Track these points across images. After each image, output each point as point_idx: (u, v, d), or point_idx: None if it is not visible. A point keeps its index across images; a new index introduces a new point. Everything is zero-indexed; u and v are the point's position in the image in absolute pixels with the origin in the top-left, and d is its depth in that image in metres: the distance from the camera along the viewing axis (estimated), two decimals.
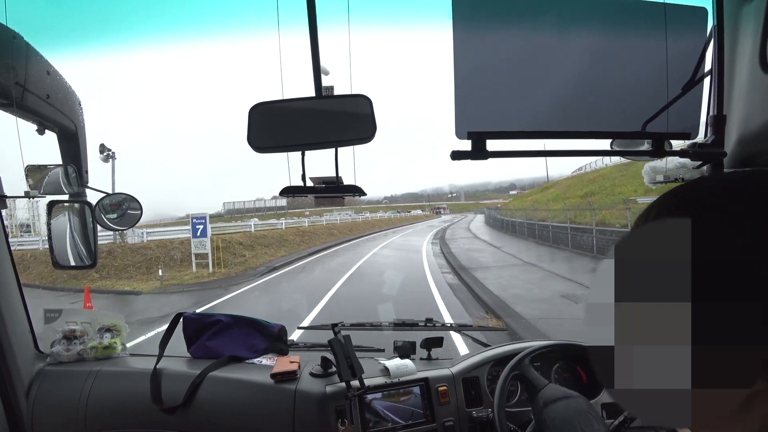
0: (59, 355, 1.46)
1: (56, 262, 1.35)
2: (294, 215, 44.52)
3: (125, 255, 15.36)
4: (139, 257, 15.36)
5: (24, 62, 1.10)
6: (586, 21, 0.95)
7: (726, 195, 0.36)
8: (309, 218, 31.42)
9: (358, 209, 79.86)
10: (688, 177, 1.15)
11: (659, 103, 0.94)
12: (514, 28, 0.92)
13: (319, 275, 12.79)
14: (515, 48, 0.92)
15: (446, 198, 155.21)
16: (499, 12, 0.90)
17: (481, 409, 1.37)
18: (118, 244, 16.31)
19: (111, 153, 15.65)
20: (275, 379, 1.36)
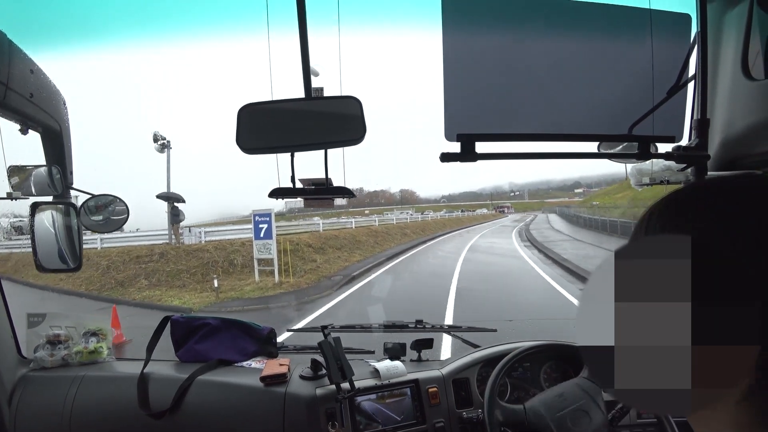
0: (43, 360, 1.43)
1: (40, 265, 1.32)
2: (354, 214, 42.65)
3: (179, 258, 12.96)
4: (195, 261, 12.91)
5: (7, 60, 1.08)
6: (574, 26, 0.96)
7: (723, 197, 0.37)
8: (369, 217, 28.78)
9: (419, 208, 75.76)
10: (674, 179, 1.17)
11: (645, 107, 0.96)
12: (502, 32, 0.92)
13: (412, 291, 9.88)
14: (504, 52, 0.93)
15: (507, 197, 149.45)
16: (488, 16, 0.91)
17: (471, 409, 1.37)
18: (173, 245, 14.03)
19: (166, 142, 14.48)
20: (265, 382, 1.35)
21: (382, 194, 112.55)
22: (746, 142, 0.96)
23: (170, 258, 12.95)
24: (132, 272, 12.23)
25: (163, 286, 11.72)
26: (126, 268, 12.49)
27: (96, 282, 12.34)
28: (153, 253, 12.95)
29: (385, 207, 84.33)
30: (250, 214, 13.79)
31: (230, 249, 13.55)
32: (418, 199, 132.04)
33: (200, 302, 10.17)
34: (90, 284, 12.32)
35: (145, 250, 13.36)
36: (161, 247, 13.73)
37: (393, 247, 19.27)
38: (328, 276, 12.56)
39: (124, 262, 12.78)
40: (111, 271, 12.53)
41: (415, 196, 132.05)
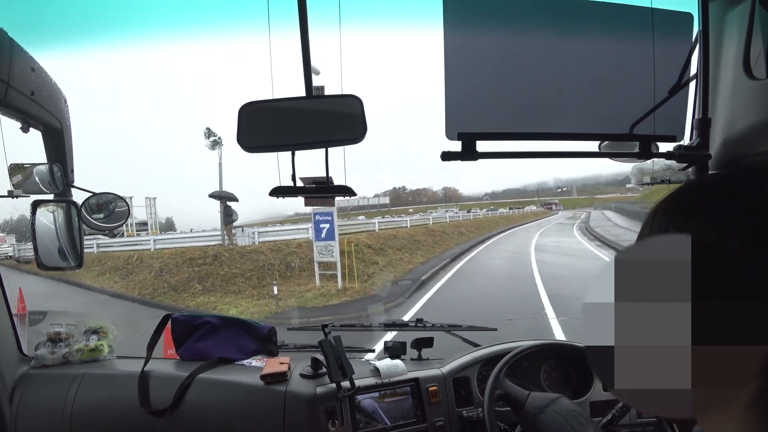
0: (44, 358, 1.43)
1: (41, 263, 1.32)
2: (398, 213, 41.44)
3: (233, 261, 12.05)
4: (250, 264, 11.88)
5: (7, 58, 1.08)
6: (575, 25, 0.96)
7: (723, 195, 0.37)
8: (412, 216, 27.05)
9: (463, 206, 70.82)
10: (675, 179, 1.17)
11: (646, 106, 0.96)
12: (503, 31, 0.92)
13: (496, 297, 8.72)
14: (505, 50, 0.93)
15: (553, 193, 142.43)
16: (489, 15, 0.91)
17: (471, 408, 1.37)
18: (226, 246, 13.25)
19: (218, 138, 14.01)
20: (265, 381, 1.35)
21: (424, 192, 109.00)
22: (747, 141, 0.96)
23: (224, 261, 12.12)
24: (185, 275, 11.51)
25: (217, 291, 10.92)
26: (179, 271, 11.84)
27: (149, 285, 11.72)
28: (206, 255, 12.28)
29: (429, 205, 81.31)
30: (294, 214, 13.92)
31: (286, 251, 12.52)
32: (462, 196, 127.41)
33: (259, 312, 9.12)
34: (143, 288, 11.73)
35: (198, 251, 12.68)
36: (214, 248, 13.08)
37: (453, 247, 18.12)
38: (394, 280, 11.38)
39: (177, 264, 12.13)
40: (164, 274, 11.94)
41: (458, 194, 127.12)
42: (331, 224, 10.77)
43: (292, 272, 11.80)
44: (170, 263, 12.20)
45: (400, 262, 13.78)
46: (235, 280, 11.23)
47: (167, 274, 11.80)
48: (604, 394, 1.40)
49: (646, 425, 1.34)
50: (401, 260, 13.95)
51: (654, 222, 0.40)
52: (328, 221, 10.78)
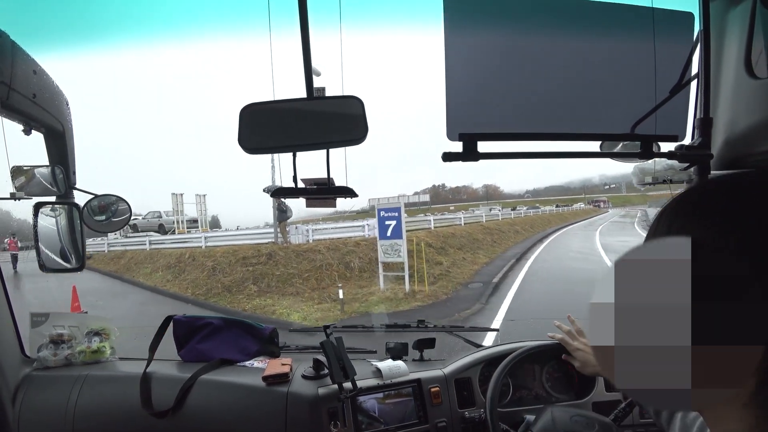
0: (46, 359, 1.43)
1: (43, 265, 1.33)
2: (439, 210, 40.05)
3: (289, 260, 11.17)
4: (307, 264, 10.99)
5: (10, 61, 1.08)
6: (576, 25, 0.96)
7: (727, 196, 0.37)
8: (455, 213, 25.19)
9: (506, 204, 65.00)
10: (676, 178, 1.17)
11: (647, 106, 0.96)
12: (504, 31, 0.92)
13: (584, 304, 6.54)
14: (506, 51, 0.93)
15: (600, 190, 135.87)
16: (490, 15, 0.91)
17: (473, 409, 1.37)
18: (280, 245, 12.40)
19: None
20: (267, 382, 1.35)
21: (464, 190, 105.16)
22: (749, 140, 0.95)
23: (279, 260, 11.29)
24: (239, 275, 10.93)
25: (274, 293, 10.09)
26: (232, 270, 11.28)
27: (202, 285, 11.14)
28: (260, 253, 11.59)
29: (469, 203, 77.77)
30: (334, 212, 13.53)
31: (344, 249, 11.62)
32: (502, 194, 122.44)
33: (323, 317, 8.24)
34: (196, 287, 11.16)
35: (251, 250, 11.96)
36: (268, 247, 12.23)
37: (513, 246, 17.11)
38: (464, 283, 10.41)
39: (230, 263, 11.57)
40: (217, 273, 11.44)
41: (499, 191, 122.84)
42: (398, 221, 9.67)
43: (352, 273, 10.87)
44: (223, 262, 11.74)
45: (464, 262, 12.69)
46: (292, 281, 10.47)
47: (220, 274, 11.34)
48: (606, 394, 1.40)
49: (649, 425, 1.33)
50: (464, 260, 12.86)
51: (659, 224, 0.40)
52: (395, 218, 9.69)
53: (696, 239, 0.34)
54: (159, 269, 13.27)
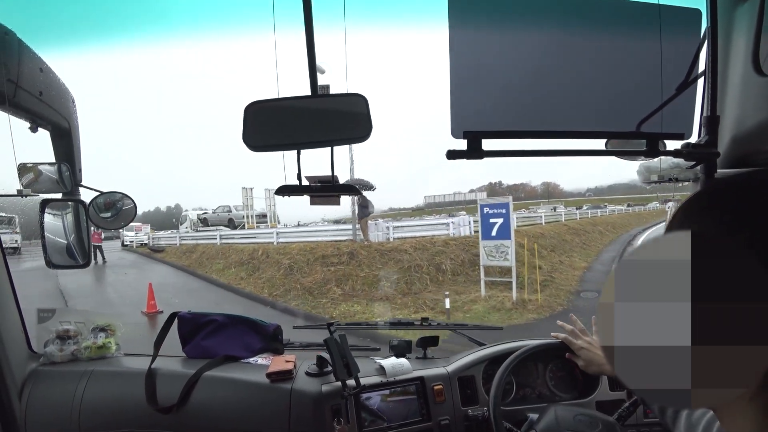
0: (52, 355, 1.44)
1: (49, 261, 1.34)
2: None
3: (373, 260, 10.15)
4: (393, 265, 9.89)
5: (16, 59, 1.09)
6: (582, 21, 0.95)
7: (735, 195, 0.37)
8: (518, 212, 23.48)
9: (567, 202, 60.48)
10: (682, 177, 1.16)
11: (654, 104, 0.95)
12: (509, 28, 0.92)
13: None
14: (510, 48, 0.92)
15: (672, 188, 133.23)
16: (494, 12, 0.91)
17: (476, 407, 1.37)
18: (360, 243, 11.44)
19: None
20: (271, 379, 1.35)
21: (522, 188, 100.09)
22: (756, 138, 0.95)
23: (362, 260, 10.24)
24: (320, 276, 10.03)
25: (360, 297, 9.01)
26: (311, 270, 10.42)
27: (279, 285, 10.26)
28: (341, 252, 10.64)
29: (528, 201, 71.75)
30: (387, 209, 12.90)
31: (432, 249, 10.38)
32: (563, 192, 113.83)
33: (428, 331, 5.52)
34: (273, 287, 10.28)
35: (331, 248, 11.03)
36: (348, 245, 11.26)
37: (604, 249, 15.97)
38: (572, 291, 9.37)
39: (308, 262, 10.74)
40: (294, 272, 10.60)
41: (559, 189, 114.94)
42: (506, 219, 8.28)
43: (444, 276, 9.70)
44: (300, 260, 10.89)
45: (562, 266, 11.53)
46: (380, 284, 9.45)
47: (298, 273, 10.53)
48: (610, 393, 1.40)
49: (653, 425, 1.33)
50: (562, 264, 11.76)
51: (672, 226, 0.41)
52: (502, 215, 8.29)
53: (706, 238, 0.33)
54: (231, 265, 12.75)
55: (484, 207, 8.68)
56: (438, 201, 44.56)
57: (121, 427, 1.33)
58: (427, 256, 10.18)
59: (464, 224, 12.15)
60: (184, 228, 23.17)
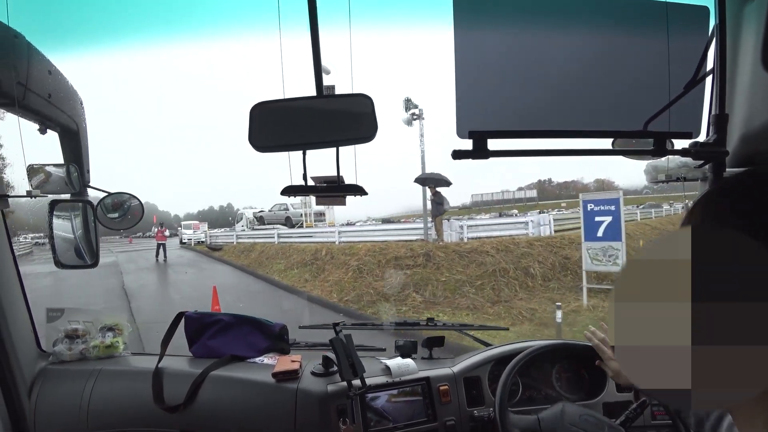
0: (61, 354, 1.46)
1: (58, 261, 1.35)
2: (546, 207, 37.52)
3: (452, 263, 9.15)
4: (475, 268, 8.86)
5: (26, 62, 1.10)
6: (588, 20, 0.94)
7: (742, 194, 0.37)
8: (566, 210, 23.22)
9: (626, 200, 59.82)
10: (690, 176, 1.15)
11: (661, 102, 0.94)
12: (515, 27, 0.91)
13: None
14: (516, 47, 0.92)
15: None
16: (500, 11, 0.90)
17: (482, 408, 1.37)
18: (434, 243, 10.54)
19: (418, 111, 11.59)
20: (277, 378, 1.36)
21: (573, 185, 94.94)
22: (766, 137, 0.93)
23: (440, 262, 9.18)
24: (394, 280, 9.02)
25: (443, 304, 8.01)
26: (384, 272, 9.44)
27: (348, 289, 9.21)
28: (415, 253, 9.66)
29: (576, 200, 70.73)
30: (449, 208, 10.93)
31: (517, 251, 9.22)
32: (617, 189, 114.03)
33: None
34: (342, 291, 9.25)
35: (403, 249, 10.03)
36: (421, 245, 10.23)
37: None
38: None
39: (379, 264, 9.76)
40: (365, 275, 9.59)
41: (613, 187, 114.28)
42: (615, 217, 7.09)
43: (534, 282, 8.59)
44: (369, 262, 9.91)
45: None
46: (462, 290, 8.31)
47: (369, 276, 9.50)
48: (617, 395, 1.39)
49: (661, 427, 1.32)
50: None
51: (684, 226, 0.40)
52: (610, 212, 7.12)
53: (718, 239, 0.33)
54: (294, 266, 11.90)
55: (587, 203, 7.43)
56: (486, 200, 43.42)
57: (128, 425, 1.34)
58: (512, 258, 8.99)
59: (544, 223, 10.91)
60: (240, 226, 23.26)
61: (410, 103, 11.66)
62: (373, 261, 9.94)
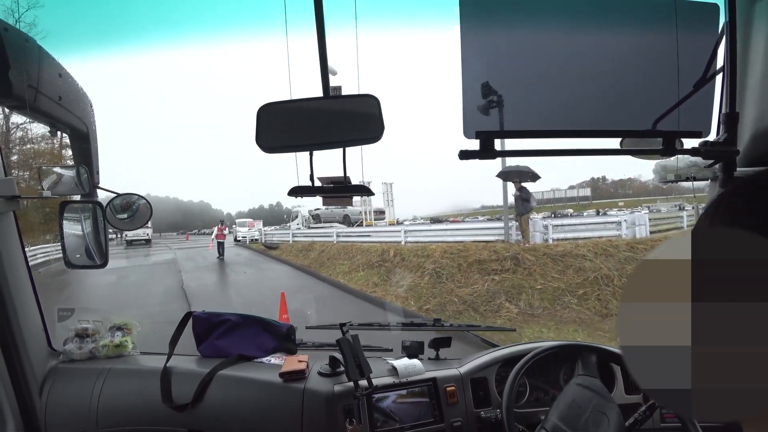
0: (72, 352, 1.48)
1: (68, 261, 1.37)
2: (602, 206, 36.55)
3: (544, 267, 8.10)
4: (573, 274, 7.83)
5: (36, 65, 1.12)
6: (596, 18, 0.94)
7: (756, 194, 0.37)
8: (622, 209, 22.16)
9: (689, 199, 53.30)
10: (700, 176, 1.13)
11: (670, 101, 0.93)
12: (522, 25, 0.91)
13: None
14: (523, 46, 0.92)
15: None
16: (506, 10, 0.90)
17: (489, 409, 1.36)
18: (519, 244, 9.44)
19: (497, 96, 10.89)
20: (284, 378, 1.37)
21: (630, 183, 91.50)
22: None
23: (531, 267, 8.10)
24: (480, 287, 7.94)
25: (544, 317, 7.03)
26: (466, 277, 8.38)
27: (427, 296, 8.24)
28: (500, 256, 8.59)
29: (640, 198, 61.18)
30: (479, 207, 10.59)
31: (618, 255, 8.17)
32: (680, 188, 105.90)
33: None
34: (419, 298, 8.30)
35: (485, 251, 8.95)
36: (505, 246, 9.10)
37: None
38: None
39: (459, 267, 8.70)
40: (444, 280, 8.56)
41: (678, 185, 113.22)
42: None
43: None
44: (448, 265, 8.88)
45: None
46: (563, 300, 7.28)
47: (449, 281, 8.48)
48: (626, 396, 1.37)
49: (670, 430, 1.31)
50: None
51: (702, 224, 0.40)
52: None
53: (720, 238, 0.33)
54: (359, 268, 10.87)
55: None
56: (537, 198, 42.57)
57: (137, 423, 1.35)
58: (614, 264, 7.82)
59: (641, 222, 9.71)
60: (296, 224, 22.37)
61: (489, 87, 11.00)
62: (452, 264, 8.86)
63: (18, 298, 1.30)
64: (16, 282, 1.31)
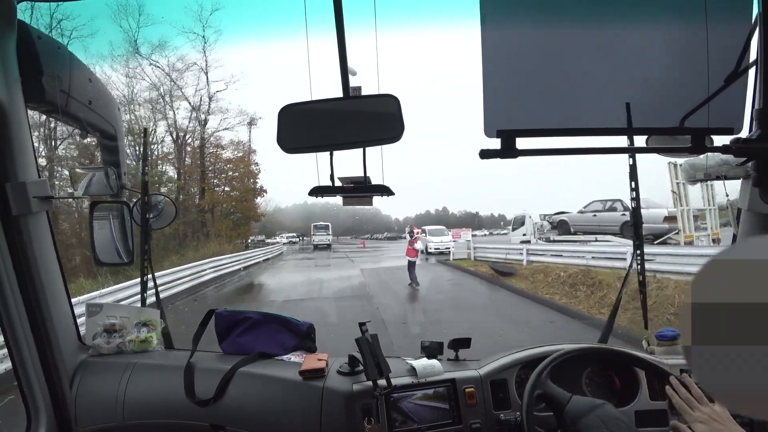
0: (100, 347, 1.53)
1: (97, 259, 1.42)
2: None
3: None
4: None
5: (68, 71, 1.16)
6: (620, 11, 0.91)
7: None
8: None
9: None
10: (731, 174, 1.09)
11: (699, 97, 0.90)
12: (543, 22, 0.89)
13: None
14: (545, 43, 0.90)
15: None
16: (528, 7, 0.88)
17: (509, 412, 1.34)
18: None
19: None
20: (303, 376, 1.38)
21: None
22: None
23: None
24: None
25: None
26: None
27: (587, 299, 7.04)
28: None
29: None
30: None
31: None
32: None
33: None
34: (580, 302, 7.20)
35: None
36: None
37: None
38: None
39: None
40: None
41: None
42: None
43: None
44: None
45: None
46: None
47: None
48: (651, 403, 1.34)
49: None
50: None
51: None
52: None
53: None
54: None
55: None
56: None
57: (161, 417, 1.39)
58: None
59: None
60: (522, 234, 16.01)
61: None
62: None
63: (51, 294, 1.35)
64: (49, 279, 1.36)
